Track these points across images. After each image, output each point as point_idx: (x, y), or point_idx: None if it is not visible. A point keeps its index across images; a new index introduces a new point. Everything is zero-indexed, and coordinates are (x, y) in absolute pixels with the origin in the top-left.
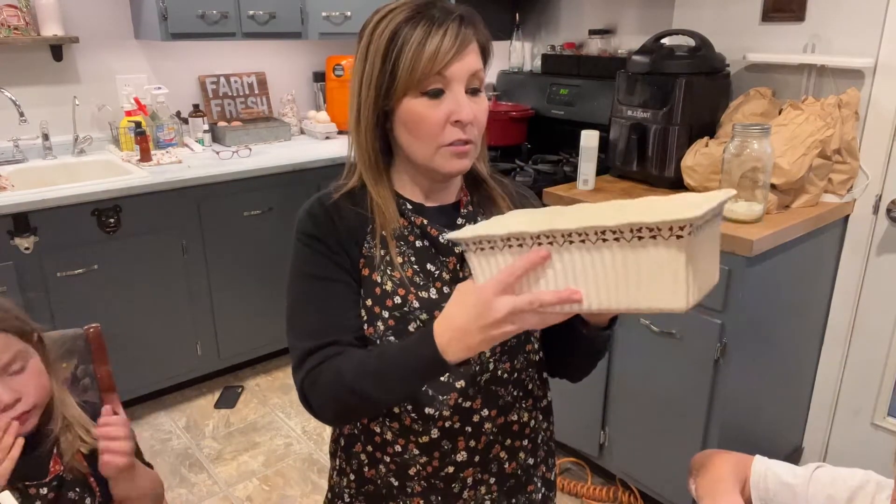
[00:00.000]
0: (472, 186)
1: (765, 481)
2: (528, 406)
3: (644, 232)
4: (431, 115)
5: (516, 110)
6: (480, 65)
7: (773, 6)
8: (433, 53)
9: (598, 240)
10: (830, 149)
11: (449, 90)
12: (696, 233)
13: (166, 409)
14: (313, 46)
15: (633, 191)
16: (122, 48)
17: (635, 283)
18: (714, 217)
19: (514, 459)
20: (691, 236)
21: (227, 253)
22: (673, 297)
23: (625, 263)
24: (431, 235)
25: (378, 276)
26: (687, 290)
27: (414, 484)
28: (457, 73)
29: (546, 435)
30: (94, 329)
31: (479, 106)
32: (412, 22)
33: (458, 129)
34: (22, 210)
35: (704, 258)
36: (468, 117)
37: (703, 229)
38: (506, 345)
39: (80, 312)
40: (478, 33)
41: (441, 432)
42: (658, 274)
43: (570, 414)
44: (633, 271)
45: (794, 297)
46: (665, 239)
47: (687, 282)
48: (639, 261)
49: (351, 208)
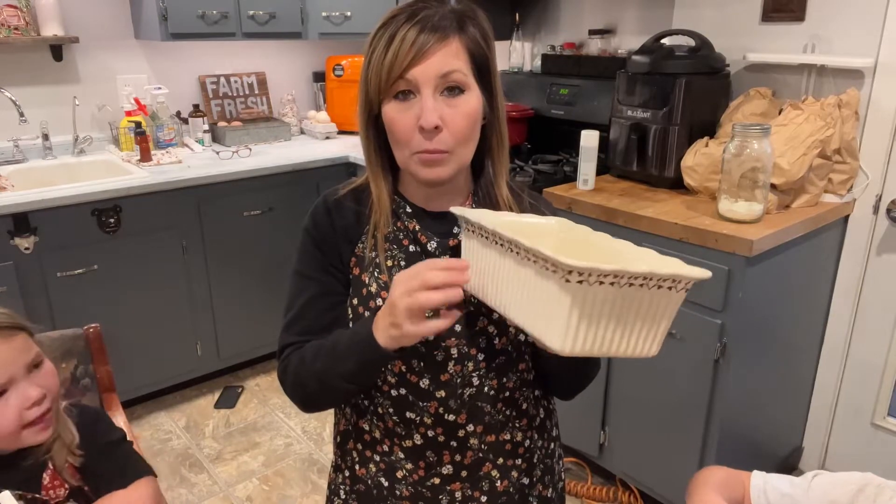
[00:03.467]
0: (481, 195)
1: (765, 495)
2: (522, 426)
3: (549, 263)
4: (401, 120)
5: (516, 110)
6: (457, 65)
7: (773, 6)
8: (393, 56)
9: (524, 257)
10: (830, 149)
11: (418, 94)
12: (598, 287)
13: (166, 409)
14: (313, 46)
15: (632, 191)
16: (122, 48)
17: (529, 302)
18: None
19: (506, 478)
20: (582, 285)
21: (227, 253)
22: (551, 332)
23: (530, 283)
24: (421, 242)
25: (366, 276)
26: (564, 334)
27: (402, 488)
28: (421, 76)
29: (543, 454)
30: (94, 329)
31: (455, 109)
32: (387, 24)
33: (424, 136)
34: (22, 210)
35: (624, 321)
36: (428, 123)
37: (624, 289)
38: (493, 362)
39: (80, 312)
40: (462, 30)
41: (425, 441)
42: (544, 304)
43: (570, 414)
44: (531, 292)
45: (794, 297)
46: (559, 277)
47: (566, 325)
48: (538, 285)
49: (352, 206)
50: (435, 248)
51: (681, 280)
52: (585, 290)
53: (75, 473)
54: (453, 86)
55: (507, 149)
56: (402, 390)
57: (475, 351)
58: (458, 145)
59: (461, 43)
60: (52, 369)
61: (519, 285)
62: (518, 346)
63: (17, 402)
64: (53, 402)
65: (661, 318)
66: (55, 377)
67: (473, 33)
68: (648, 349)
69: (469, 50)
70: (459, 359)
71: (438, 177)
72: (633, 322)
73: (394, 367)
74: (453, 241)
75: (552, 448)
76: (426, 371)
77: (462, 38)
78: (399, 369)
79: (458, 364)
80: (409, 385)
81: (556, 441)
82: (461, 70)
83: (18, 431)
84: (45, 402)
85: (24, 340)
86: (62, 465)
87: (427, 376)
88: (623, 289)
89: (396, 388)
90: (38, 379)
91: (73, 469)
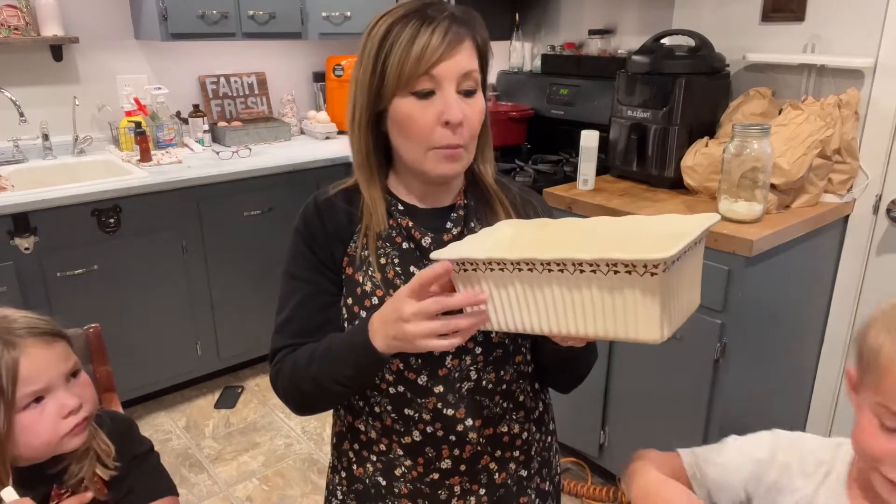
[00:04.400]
0: (472, 189)
1: (699, 469)
2: (519, 418)
3: (619, 267)
4: (421, 116)
5: (516, 110)
6: (474, 65)
7: (773, 6)
8: (421, 52)
9: (576, 271)
10: (830, 149)
11: (439, 90)
12: (672, 268)
13: (166, 409)
14: (313, 46)
15: (632, 191)
16: (122, 48)
17: (611, 314)
18: (696, 244)
19: (504, 470)
20: (666, 273)
21: (227, 253)
22: (647, 329)
23: (601, 295)
24: (415, 238)
25: (360, 275)
26: (661, 324)
27: (400, 485)
28: (446, 73)
29: (541, 446)
30: (94, 329)
31: (471, 108)
32: (403, 21)
33: (448, 131)
34: (22, 210)
35: (684, 287)
36: (457, 118)
37: (682, 259)
38: (490, 355)
39: (80, 312)
40: (473, 33)
41: (423, 437)
42: (633, 307)
43: (570, 414)
44: (608, 303)
45: (794, 297)
46: (640, 276)
47: (661, 316)
48: (614, 294)
49: (343, 206)
50: (430, 244)
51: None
52: (667, 277)
53: (103, 488)
54: (469, 85)
55: (492, 145)
56: (400, 387)
57: (472, 345)
58: (472, 141)
59: (473, 44)
60: (88, 380)
61: (580, 300)
62: (514, 338)
63: (54, 409)
64: (90, 413)
65: (699, 267)
66: (92, 388)
67: (482, 36)
68: (698, 298)
69: (479, 51)
70: (457, 353)
71: (455, 172)
72: (690, 280)
73: (391, 366)
74: (448, 237)
75: (549, 441)
76: (424, 367)
77: (474, 40)
78: (397, 367)
79: (456, 358)
80: (407, 382)
81: (553, 435)
82: (476, 70)
83: (54, 440)
84: (81, 411)
85: (64, 348)
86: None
87: (425, 372)
88: (683, 258)
89: (394, 386)
90: (75, 388)
91: (101, 482)
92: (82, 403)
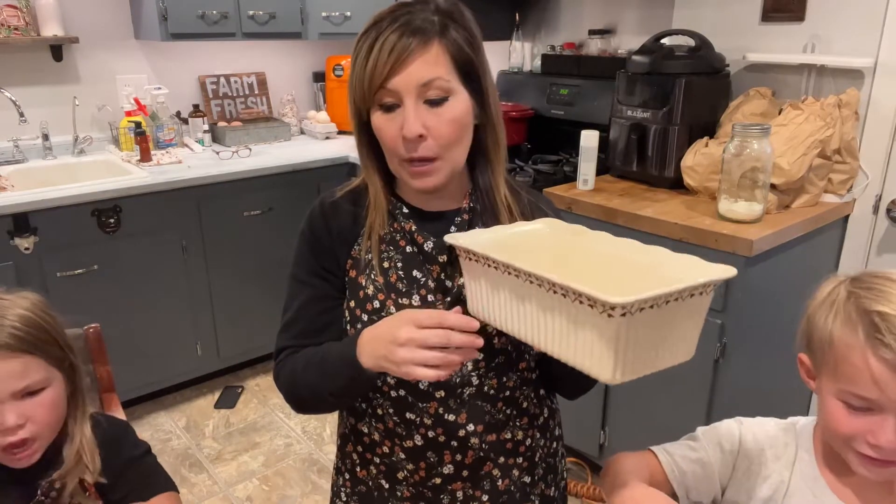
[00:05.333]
0: (478, 193)
1: (678, 466)
2: (522, 424)
3: (583, 298)
4: (387, 130)
5: (516, 110)
6: (436, 72)
7: (773, 6)
8: (372, 67)
9: (550, 290)
10: (830, 149)
11: (402, 103)
12: (638, 315)
13: (166, 409)
14: (313, 46)
15: (632, 191)
16: (122, 48)
17: (572, 341)
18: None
19: (507, 477)
20: (627, 318)
21: (227, 253)
22: (600, 367)
23: (563, 321)
24: (418, 242)
25: (363, 279)
26: (613, 366)
27: (403, 489)
28: (401, 86)
29: (545, 452)
30: (94, 329)
31: (439, 118)
32: (365, 34)
33: (411, 143)
34: (22, 210)
35: (662, 337)
36: (411, 132)
37: (661, 308)
38: (492, 361)
39: (80, 312)
40: (441, 37)
41: (425, 441)
42: (589, 341)
43: (570, 414)
44: (571, 330)
45: (794, 297)
46: (598, 314)
47: (614, 359)
48: (577, 323)
49: (349, 208)
50: (432, 248)
51: (712, 284)
52: (629, 321)
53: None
54: (436, 94)
55: (504, 148)
56: (401, 391)
57: None
58: (446, 151)
59: (442, 47)
60: (51, 401)
61: (551, 319)
62: (518, 345)
63: None
64: (34, 434)
65: (696, 321)
66: (52, 410)
67: (455, 37)
68: (687, 354)
69: (451, 54)
70: None
71: (429, 186)
72: (673, 334)
73: None
74: None
75: (555, 447)
76: None
77: (443, 42)
78: None
79: None
80: (409, 386)
81: (559, 440)
82: (442, 77)
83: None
84: (21, 431)
85: (21, 365)
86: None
87: None
88: (662, 308)
89: (396, 390)
90: (24, 407)
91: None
92: (26, 423)
